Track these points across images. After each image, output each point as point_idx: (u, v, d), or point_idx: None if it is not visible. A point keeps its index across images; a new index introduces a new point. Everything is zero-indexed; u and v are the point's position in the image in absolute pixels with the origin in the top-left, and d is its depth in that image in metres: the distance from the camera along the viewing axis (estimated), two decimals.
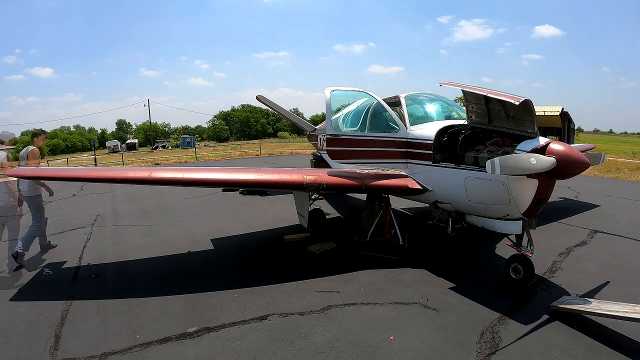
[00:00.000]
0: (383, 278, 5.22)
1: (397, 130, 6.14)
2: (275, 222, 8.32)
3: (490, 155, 4.83)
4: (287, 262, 5.98)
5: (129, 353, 3.63)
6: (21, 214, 6.34)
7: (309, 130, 12.12)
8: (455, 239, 6.50)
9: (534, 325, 3.95)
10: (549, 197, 4.69)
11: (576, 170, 4.25)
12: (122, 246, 6.95)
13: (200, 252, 6.53)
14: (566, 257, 5.97)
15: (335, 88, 6.45)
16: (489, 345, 3.63)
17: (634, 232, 7.17)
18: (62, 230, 8.25)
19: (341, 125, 7.03)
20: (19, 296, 4.96)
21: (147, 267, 5.87)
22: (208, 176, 5.75)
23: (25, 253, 6.03)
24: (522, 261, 4.84)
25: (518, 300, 4.53)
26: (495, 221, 5.02)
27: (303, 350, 3.62)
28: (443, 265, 5.63)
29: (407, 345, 3.66)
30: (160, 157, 31.67)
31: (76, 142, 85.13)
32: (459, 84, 5.18)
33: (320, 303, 4.54)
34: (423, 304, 4.48)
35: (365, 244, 6.41)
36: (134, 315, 4.34)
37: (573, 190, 11.39)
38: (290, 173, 5.95)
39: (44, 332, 4.03)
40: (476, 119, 5.27)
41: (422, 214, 8.79)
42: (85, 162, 34.12)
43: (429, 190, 5.76)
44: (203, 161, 26.46)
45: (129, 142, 67.04)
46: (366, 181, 5.86)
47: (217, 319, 4.21)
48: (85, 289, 5.12)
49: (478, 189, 4.95)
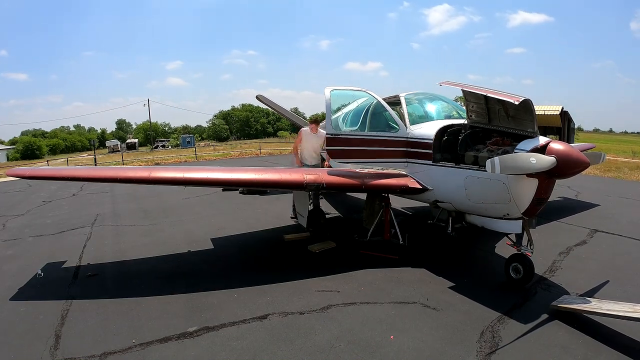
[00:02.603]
0: (383, 277, 5.23)
1: (397, 130, 6.13)
2: (275, 222, 8.32)
3: (490, 154, 4.83)
4: (287, 262, 5.98)
5: (129, 353, 3.63)
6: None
7: None
8: (455, 239, 6.50)
9: (534, 325, 3.95)
10: (549, 197, 4.69)
11: (576, 169, 4.25)
12: (122, 246, 6.95)
13: (200, 252, 6.53)
14: (566, 256, 5.97)
15: (335, 87, 6.45)
16: (489, 345, 3.64)
17: (634, 232, 7.17)
18: (62, 230, 8.24)
19: (341, 125, 7.02)
20: (19, 296, 4.96)
21: (147, 267, 5.87)
22: (208, 176, 5.75)
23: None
24: (522, 260, 4.83)
25: (518, 299, 4.53)
26: (495, 220, 5.01)
27: (303, 349, 3.62)
28: (443, 265, 5.63)
29: (407, 345, 3.66)
30: (160, 157, 31.67)
31: (76, 142, 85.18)
32: (459, 83, 5.18)
33: (320, 302, 4.54)
34: (423, 304, 4.48)
35: (365, 243, 6.41)
36: (134, 315, 4.34)
37: (573, 190, 11.39)
38: (290, 172, 5.96)
39: (44, 332, 4.03)
40: (476, 118, 5.27)
41: (422, 214, 8.79)
42: (85, 161, 34.12)
43: (429, 190, 5.76)
44: (203, 161, 26.46)
45: (128, 141, 66.99)
46: (366, 180, 5.86)
47: (217, 319, 4.21)
48: (85, 289, 5.12)
49: (478, 188, 4.95)
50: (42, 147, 67.01)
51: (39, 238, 7.67)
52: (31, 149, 63.49)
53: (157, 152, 45.47)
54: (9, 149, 66.03)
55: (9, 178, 16.53)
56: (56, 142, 77.44)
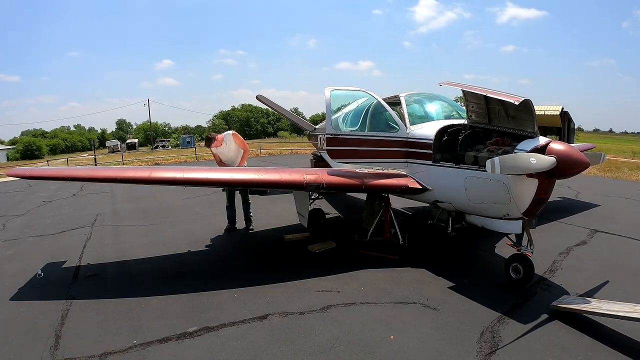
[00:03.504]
0: (383, 278, 5.22)
1: (397, 130, 6.14)
2: (275, 222, 8.32)
3: (490, 154, 4.83)
4: (287, 262, 5.98)
5: (129, 353, 3.63)
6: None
7: (309, 130, 12.12)
8: (455, 239, 6.49)
9: (534, 325, 3.94)
10: (549, 197, 4.69)
11: (576, 169, 4.25)
12: (122, 246, 6.95)
13: (200, 252, 6.53)
14: (566, 256, 5.97)
15: (335, 87, 6.46)
16: (489, 345, 3.63)
17: (634, 232, 7.16)
18: (62, 230, 8.24)
19: (341, 125, 7.03)
20: (19, 296, 4.96)
21: (147, 267, 5.87)
22: (208, 176, 5.75)
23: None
24: (522, 261, 4.83)
25: (518, 299, 4.53)
26: (495, 221, 5.01)
27: (303, 349, 3.62)
28: (443, 265, 5.63)
29: (407, 345, 3.66)
30: (160, 157, 31.66)
31: (76, 142, 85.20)
32: (458, 83, 5.19)
33: (320, 303, 4.54)
34: (423, 304, 4.48)
35: (365, 243, 6.41)
36: (134, 315, 4.34)
37: (573, 190, 11.38)
38: (290, 172, 5.96)
39: (44, 332, 4.03)
40: (476, 118, 5.27)
41: (422, 214, 8.79)
42: (85, 162, 34.13)
43: (429, 190, 5.76)
44: (203, 161, 26.44)
45: (128, 141, 67.02)
46: (366, 181, 5.86)
47: (217, 319, 4.20)
48: (85, 289, 5.12)
49: (478, 188, 4.95)
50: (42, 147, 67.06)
51: (39, 238, 7.67)
52: (31, 149, 63.53)
53: (157, 152, 45.47)
54: (9, 149, 66.08)
55: (9, 178, 16.53)
56: (56, 142, 77.47)
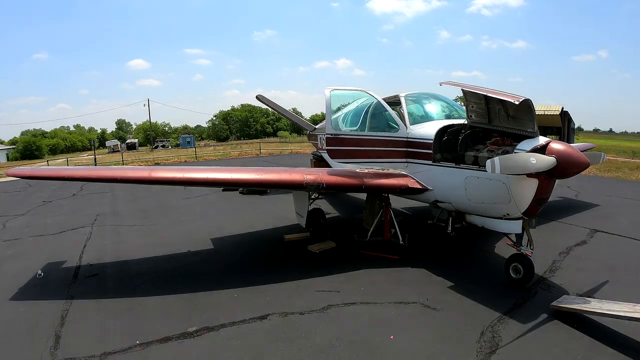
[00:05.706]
0: (383, 277, 5.22)
1: (397, 130, 6.13)
2: (275, 222, 8.32)
3: (490, 154, 4.83)
4: (287, 262, 5.98)
5: (129, 353, 3.63)
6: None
7: (309, 130, 12.12)
8: (455, 239, 6.49)
9: (534, 325, 3.95)
10: (549, 197, 4.69)
11: (576, 169, 4.25)
12: (122, 246, 6.95)
13: (200, 252, 6.53)
14: (566, 256, 5.97)
15: (335, 88, 6.47)
16: (489, 345, 3.63)
17: (634, 232, 7.16)
18: (62, 229, 8.24)
19: (341, 125, 7.03)
20: (19, 296, 4.96)
21: (147, 267, 5.87)
22: (208, 176, 5.75)
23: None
24: (522, 260, 4.83)
25: (518, 299, 4.53)
26: (495, 220, 5.01)
27: (303, 349, 3.62)
28: (443, 265, 5.62)
29: (407, 345, 3.66)
30: (160, 157, 31.65)
31: (76, 142, 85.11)
32: (458, 83, 5.19)
33: (320, 302, 4.54)
34: (423, 304, 4.48)
35: (365, 243, 6.41)
36: (134, 315, 4.34)
37: (573, 190, 11.38)
38: (290, 173, 5.95)
39: (44, 332, 4.03)
40: (476, 118, 5.27)
41: (422, 214, 8.79)
42: (85, 161, 34.11)
43: (429, 190, 5.75)
44: (203, 161, 26.44)
45: (128, 141, 66.99)
46: (366, 180, 5.86)
47: (217, 319, 4.20)
48: (85, 289, 5.12)
49: (478, 188, 4.95)
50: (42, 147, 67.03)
51: (39, 238, 7.67)
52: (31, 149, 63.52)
53: (157, 152, 45.46)
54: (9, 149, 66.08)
55: (9, 178, 16.52)
56: (56, 142, 77.37)
